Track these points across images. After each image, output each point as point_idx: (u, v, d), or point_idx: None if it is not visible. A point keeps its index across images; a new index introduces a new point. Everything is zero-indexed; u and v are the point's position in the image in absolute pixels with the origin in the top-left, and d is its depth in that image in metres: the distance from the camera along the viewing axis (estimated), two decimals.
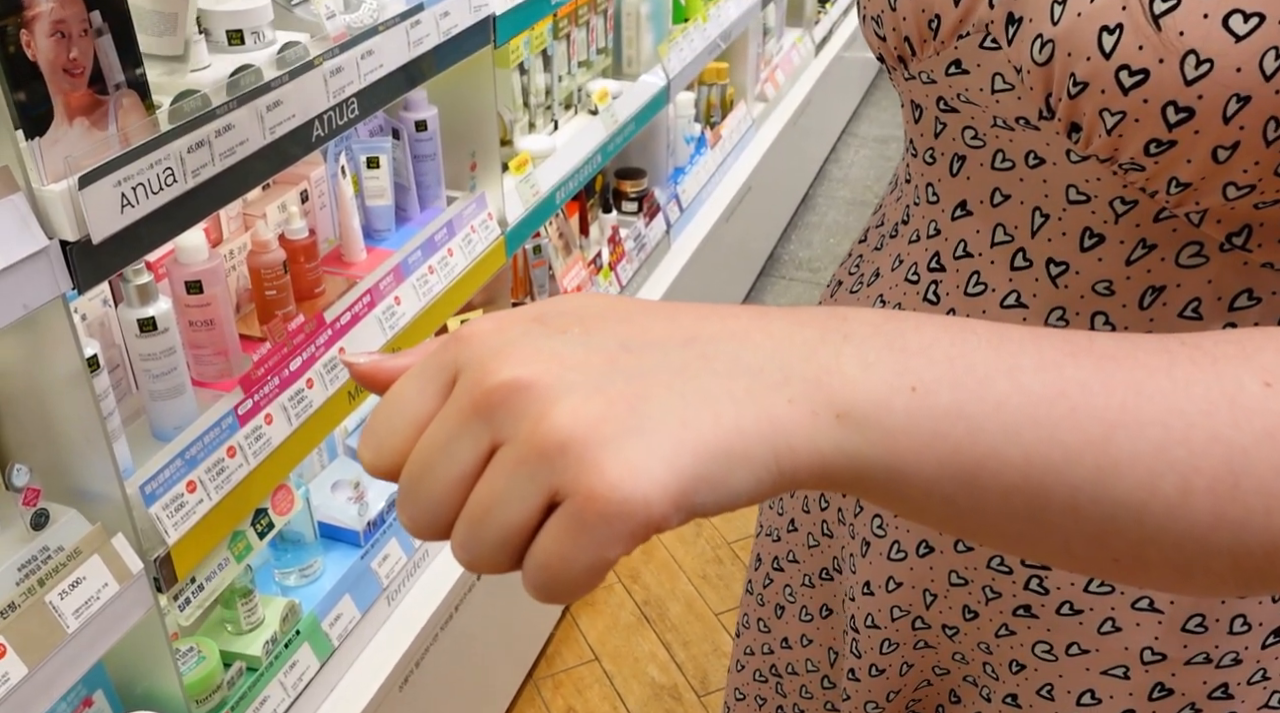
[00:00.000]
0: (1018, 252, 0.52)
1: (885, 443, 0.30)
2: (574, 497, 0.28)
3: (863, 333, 0.32)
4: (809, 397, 0.30)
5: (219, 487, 1.06)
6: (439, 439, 0.30)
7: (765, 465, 0.30)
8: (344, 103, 1.12)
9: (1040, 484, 0.31)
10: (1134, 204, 0.47)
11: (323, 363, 1.21)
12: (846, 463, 0.31)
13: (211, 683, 1.16)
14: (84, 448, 0.93)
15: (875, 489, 0.31)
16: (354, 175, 1.43)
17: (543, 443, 0.28)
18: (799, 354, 0.31)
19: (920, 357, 0.31)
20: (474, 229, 1.51)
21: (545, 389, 0.29)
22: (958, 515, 0.32)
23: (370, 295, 1.30)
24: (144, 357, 1.03)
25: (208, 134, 0.93)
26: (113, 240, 0.85)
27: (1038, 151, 0.49)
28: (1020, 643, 0.58)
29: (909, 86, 0.55)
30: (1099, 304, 0.51)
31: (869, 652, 0.65)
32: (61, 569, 0.91)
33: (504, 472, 0.29)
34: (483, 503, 0.30)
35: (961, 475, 0.31)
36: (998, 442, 0.31)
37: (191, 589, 1.07)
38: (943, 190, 0.55)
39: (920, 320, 0.33)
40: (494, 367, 0.30)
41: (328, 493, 1.44)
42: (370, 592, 1.39)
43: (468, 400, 0.30)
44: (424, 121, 1.45)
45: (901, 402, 0.31)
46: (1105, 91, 0.43)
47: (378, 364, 0.34)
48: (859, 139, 3.76)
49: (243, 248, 1.27)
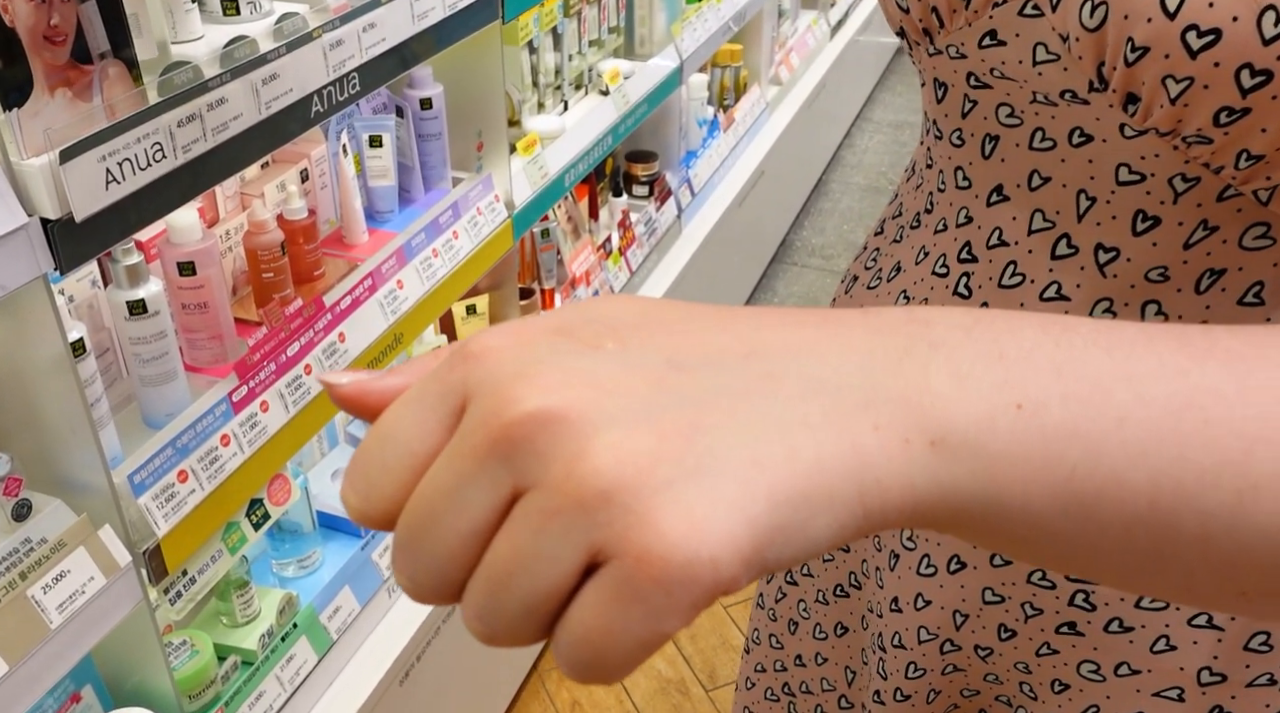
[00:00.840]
0: (1060, 238, 0.48)
1: (988, 472, 0.25)
2: (622, 558, 0.23)
3: (953, 339, 0.27)
4: (898, 420, 0.25)
5: (212, 476, 1.02)
6: (446, 483, 0.25)
7: (849, 507, 0.25)
8: (344, 78, 1.07)
9: (1168, 513, 0.26)
10: (1195, 182, 0.43)
11: (321, 348, 1.17)
12: (942, 498, 0.25)
13: (205, 678, 1.12)
14: (68, 435, 0.89)
15: (973, 526, 0.26)
16: (356, 154, 1.38)
17: (580, 490, 0.23)
18: (882, 368, 0.26)
19: (1023, 365, 0.26)
20: (480, 211, 1.46)
21: (580, 421, 0.24)
22: (1067, 551, 0.27)
23: (372, 279, 1.26)
24: (134, 341, 0.99)
25: (199, 108, 0.89)
26: (97, 218, 0.81)
27: (1084, 128, 0.45)
28: (1064, 662, 0.54)
29: (934, 62, 0.50)
30: (1151, 292, 0.47)
31: (894, 674, 0.61)
32: (45, 562, 0.88)
33: (531, 526, 0.24)
34: (504, 564, 0.24)
35: (1076, 507, 0.26)
36: (1119, 465, 0.26)
37: (183, 582, 1.03)
38: (974, 174, 0.51)
39: (1013, 320, 0.27)
40: (514, 393, 0.24)
41: (327, 482, 1.40)
42: (371, 583, 1.35)
43: (483, 436, 0.24)
44: (429, 99, 1.41)
45: (1006, 422, 0.26)
46: (1170, 56, 0.39)
47: (363, 386, 0.28)
48: (874, 124, 3.70)
49: (239, 228, 1.23)
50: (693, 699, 1.78)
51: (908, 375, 0.26)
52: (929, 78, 0.52)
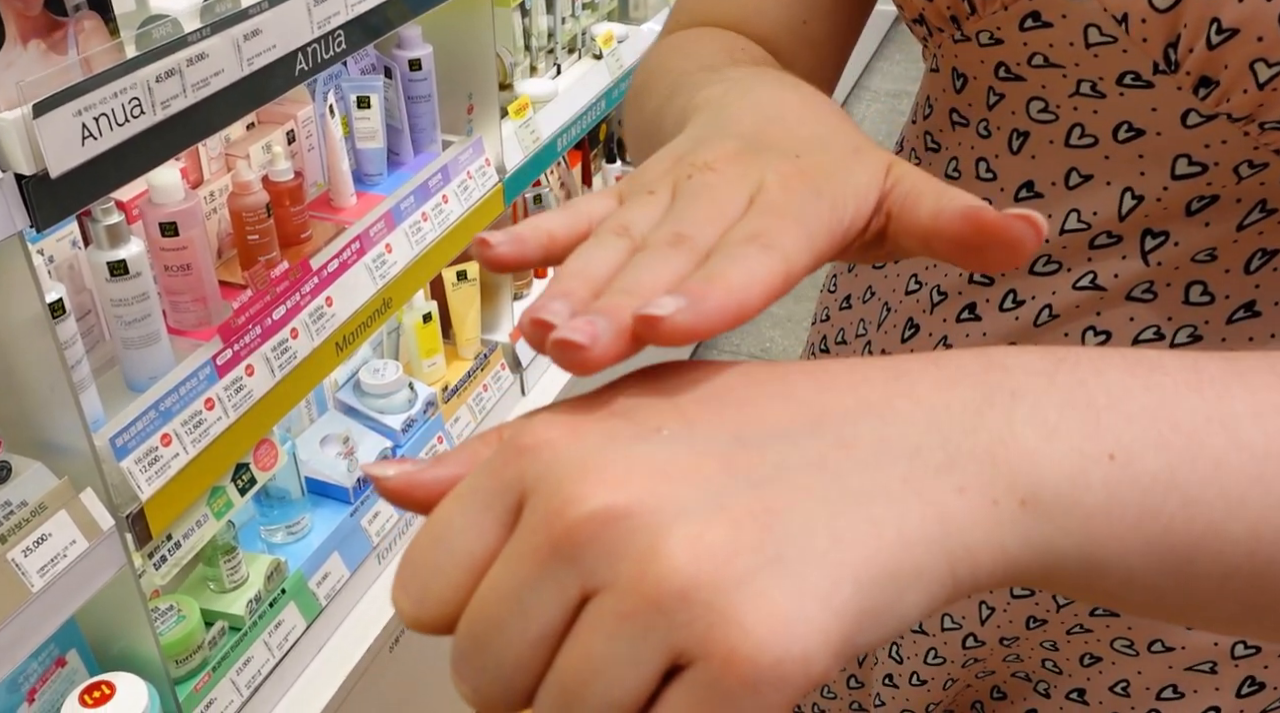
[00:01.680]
0: (1100, 233, 0.45)
1: (1083, 529, 0.24)
2: (708, 660, 0.21)
3: (1035, 386, 0.25)
4: (985, 480, 0.24)
5: (196, 441, 1.01)
6: (509, 587, 0.23)
7: (939, 579, 0.23)
8: (330, 34, 1.05)
9: (1268, 562, 0.25)
10: (1261, 168, 0.40)
11: (308, 312, 1.16)
12: (1037, 558, 0.24)
13: (192, 643, 1.11)
14: (48, 397, 0.87)
15: (1066, 582, 0.25)
16: (343, 116, 1.36)
17: (656, 590, 0.21)
18: (960, 423, 0.24)
19: (1112, 412, 0.25)
20: (470, 175, 1.44)
21: (649, 516, 0.22)
22: (1160, 600, 0.26)
23: (360, 242, 1.24)
24: (115, 302, 0.98)
25: (178, 63, 0.87)
26: (74, 174, 0.79)
27: (1134, 122, 0.42)
28: (1097, 639, 0.52)
29: (957, 50, 0.47)
30: (1197, 273, 0.44)
31: (912, 658, 0.59)
32: (25, 525, 0.86)
33: (604, 630, 0.22)
34: (578, 672, 0.22)
35: (1172, 559, 0.25)
36: (1217, 514, 0.24)
37: (168, 547, 1.03)
38: (1000, 168, 0.47)
39: (1097, 361, 0.26)
40: (577, 491, 0.23)
41: (316, 448, 1.39)
42: (360, 550, 1.34)
43: (545, 536, 0.23)
44: (418, 60, 1.38)
45: (1100, 474, 0.24)
46: (1264, 39, 0.36)
47: (411, 478, 0.26)
48: (871, 93, 3.67)
49: (224, 190, 1.21)
50: None
51: (990, 429, 0.24)
52: (946, 65, 0.49)
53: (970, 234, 0.29)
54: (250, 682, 1.17)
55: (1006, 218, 0.28)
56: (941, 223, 0.29)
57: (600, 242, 0.29)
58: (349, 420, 1.45)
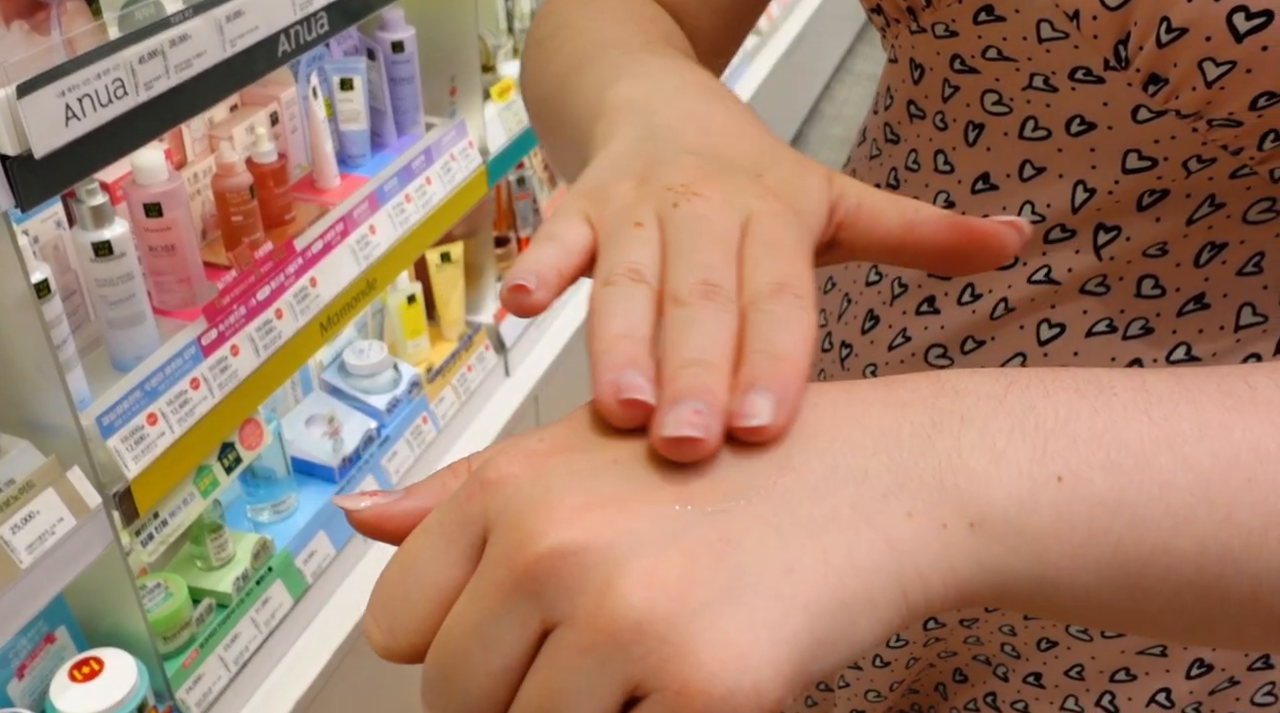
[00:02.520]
0: (1054, 226, 0.46)
1: (1033, 550, 0.25)
2: (663, 692, 0.22)
3: (984, 410, 0.26)
4: (933, 504, 0.24)
5: (182, 420, 1.02)
6: (473, 620, 0.24)
7: (892, 604, 0.24)
8: (312, 16, 1.06)
9: (1216, 576, 0.26)
10: (1210, 163, 0.41)
11: (293, 293, 1.17)
12: (988, 580, 0.25)
13: (179, 620, 1.13)
14: (35, 377, 0.88)
15: (1019, 602, 0.26)
16: (327, 98, 1.36)
17: (613, 624, 0.22)
18: (910, 448, 0.25)
19: (1061, 435, 0.25)
20: (454, 157, 1.45)
21: (605, 550, 0.23)
22: (1114, 616, 0.27)
23: (343, 223, 1.25)
24: (100, 282, 0.98)
25: (161, 44, 0.87)
26: (58, 155, 0.80)
27: (1085, 115, 0.42)
28: (1053, 624, 0.54)
29: (914, 41, 0.47)
30: (1148, 267, 0.45)
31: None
32: (13, 503, 0.87)
33: (564, 663, 0.23)
34: (540, 703, 0.23)
35: (1123, 578, 0.25)
36: (1165, 533, 0.25)
37: (155, 525, 1.04)
38: (957, 160, 0.48)
39: (1048, 383, 0.26)
40: (536, 527, 0.24)
41: (302, 428, 1.40)
42: (346, 529, 1.36)
43: (506, 572, 0.24)
44: (400, 42, 1.39)
45: (1048, 496, 0.25)
46: (1211, 38, 0.36)
47: (381, 511, 0.27)
48: (854, 76, 3.68)
49: (208, 171, 1.22)
50: None
51: (939, 454, 0.25)
52: (904, 56, 0.49)
53: (960, 241, 0.30)
54: (238, 658, 1.18)
55: (997, 224, 0.29)
56: (921, 233, 0.30)
57: (624, 293, 0.28)
58: (334, 401, 1.46)
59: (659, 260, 0.28)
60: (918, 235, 0.31)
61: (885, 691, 0.61)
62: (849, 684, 0.63)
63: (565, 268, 0.29)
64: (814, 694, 0.69)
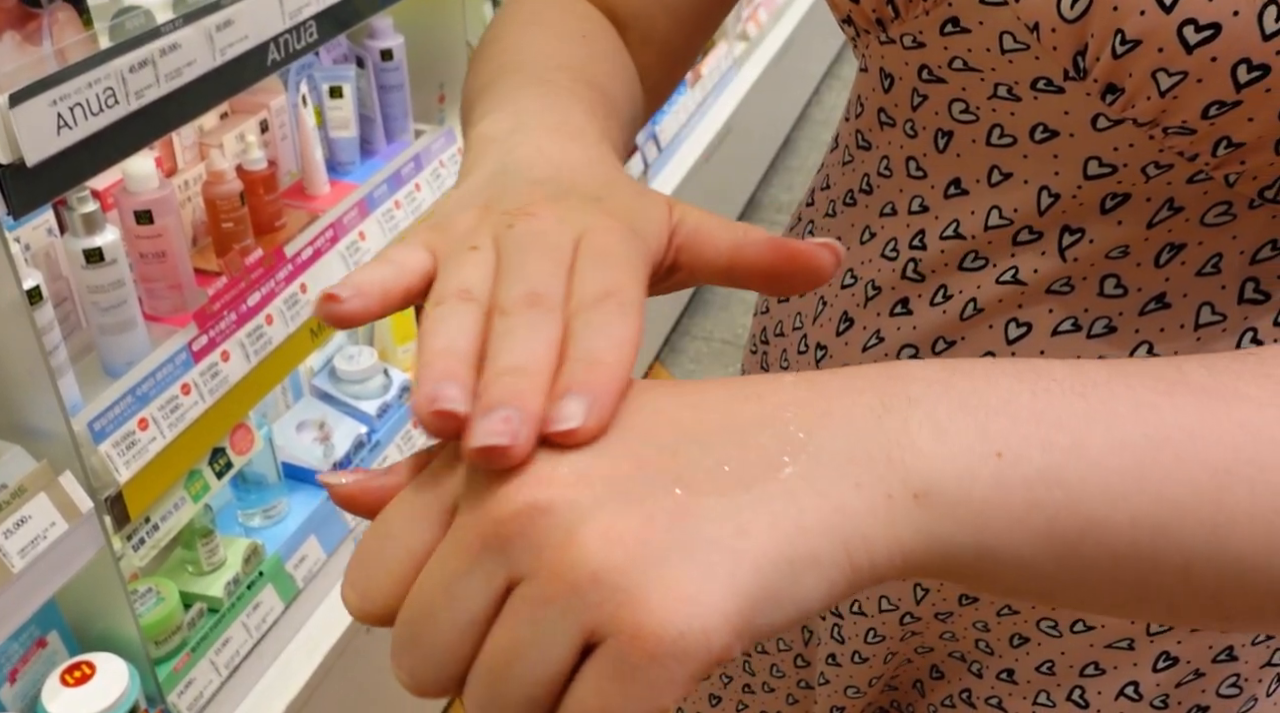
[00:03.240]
0: (1022, 228, 0.47)
1: (974, 522, 0.26)
2: (616, 637, 0.24)
3: (931, 393, 0.27)
4: (880, 477, 0.26)
5: (173, 425, 1.03)
6: (441, 579, 0.26)
7: (837, 566, 0.25)
8: (301, 25, 1.07)
9: (1150, 549, 0.27)
10: (1167, 168, 0.42)
11: (283, 299, 1.18)
12: (931, 549, 0.26)
13: (171, 624, 1.13)
14: (27, 383, 0.89)
15: (964, 574, 0.27)
16: (316, 105, 1.38)
17: (571, 575, 0.24)
18: (861, 427, 0.27)
19: (1002, 415, 0.27)
20: (442, 164, 1.46)
21: (568, 510, 0.25)
22: (1058, 590, 0.28)
23: (333, 230, 1.26)
24: (91, 289, 0.99)
25: (152, 53, 0.88)
26: (50, 163, 0.81)
27: (1048, 123, 0.43)
28: (1024, 619, 0.55)
29: (883, 51, 0.48)
30: (1111, 267, 0.46)
31: (853, 638, 0.61)
32: (6, 507, 0.88)
33: (526, 614, 0.24)
34: (503, 654, 0.25)
35: (1062, 549, 0.27)
36: (1099, 507, 0.27)
37: (146, 529, 1.04)
38: (929, 166, 0.49)
39: (990, 370, 0.28)
40: (503, 490, 0.25)
41: (292, 433, 1.41)
42: (336, 533, 1.37)
43: (475, 532, 0.25)
44: (389, 50, 1.40)
45: (988, 471, 0.26)
46: (1164, 50, 0.38)
47: (362, 484, 0.29)
48: (843, 82, 3.70)
49: (198, 178, 1.23)
50: None
51: (888, 432, 0.27)
52: (874, 65, 0.50)
53: (780, 262, 0.31)
54: (229, 662, 1.19)
55: (812, 246, 0.31)
56: (747, 254, 0.32)
57: (451, 311, 0.28)
58: (325, 406, 1.47)
59: (490, 279, 0.29)
60: (745, 257, 0.32)
61: (864, 686, 0.62)
62: (829, 682, 0.64)
63: (393, 286, 0.29)
64: (794, 693, 0.70)
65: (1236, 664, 0.53)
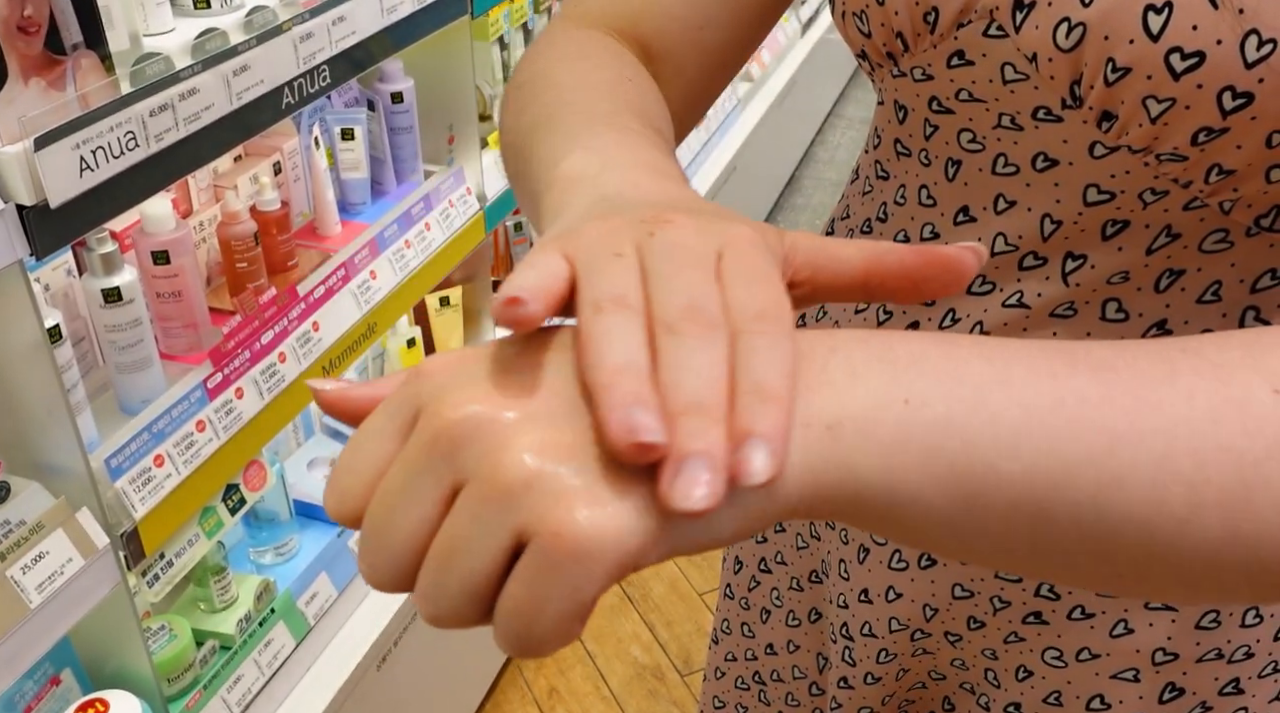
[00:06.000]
0: (1026, 254, 0.49)
1: (879, 457, 0.29)
2: (540, 536, 0.26)
3: (849, 346, 0.30)
4: (796, 411, 0.28)
5: (188, 461, 1.04)
6: (399, 481, 0.28)
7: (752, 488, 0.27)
8: (315, 70, 1.10)
9: (1042, 501, 0.29)
10: (1163, 195, 0.44)
11: (295, 337, 1.19)
12: (843, 481, 0.28)
13: (183, 662, 1.14)
14: (46, 420, 0.91)
15: (873, 513, 0.29)
16: (328, 147, 1.40)
17: (507, 478, 0.26)
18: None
19: (911, 368, 0.29)
20: (452, 203, 1.49)
21: (508, 421, 0.27)
22: (961, 539, 0.30)
23: (345, 269, 1.28)
24: (109, 328, 1.01)
25: (171, 98, 0.91)
26: (72, 205, 0.83)
27: (1049, 152, 0.45)
28: (1029, 649, 0.56)
29: (896, 84, 0.50)
30: (1111, 292, 0.47)
31: (865, 660, 0.62)
32: (24, 543, 0.89)
33: (467, 513, 0.27)
34: (446, 547, 0.27)
35: (961, 495, 0.29)
36: (995, 457, 0.29)
37: (160, 565, 1.05)
38: (939, 195, 0.51)
39: (908, 334, 0.31)
40: (454, 401, 0.28)
41: (304, 471, 1.42)
42: (347, 570, 1.37)
43: (429, 437, 0.28)
44: (400, 93, 1.43)
45: (893, 414, 0.29)
46: (1152, 77, 0.39)
47: (344, 392, 0.32)
48: (845, 121, 3.74)
49: (213, 219, 1.25)
50: (668, 684, 1.81)
51: (809, 375, 0.29)
52: (889, 98, 0.52)
53: (925, 267, 0.33)
54: (241, 700, 1.19)
55: (957, 249, 0.33)
56: (888, 262, 0.33)
57: (614, 320, 0.29)
58: (336, 444, 1.48)
59: (640, 287, 0.30)
60: (885, 266, 0.33)
61: (878, 705, 0.63)
62: (841, 706, 0.65)
63: (552, 290, 0.30)
64: None
65: (1243, 698, 0.53)
